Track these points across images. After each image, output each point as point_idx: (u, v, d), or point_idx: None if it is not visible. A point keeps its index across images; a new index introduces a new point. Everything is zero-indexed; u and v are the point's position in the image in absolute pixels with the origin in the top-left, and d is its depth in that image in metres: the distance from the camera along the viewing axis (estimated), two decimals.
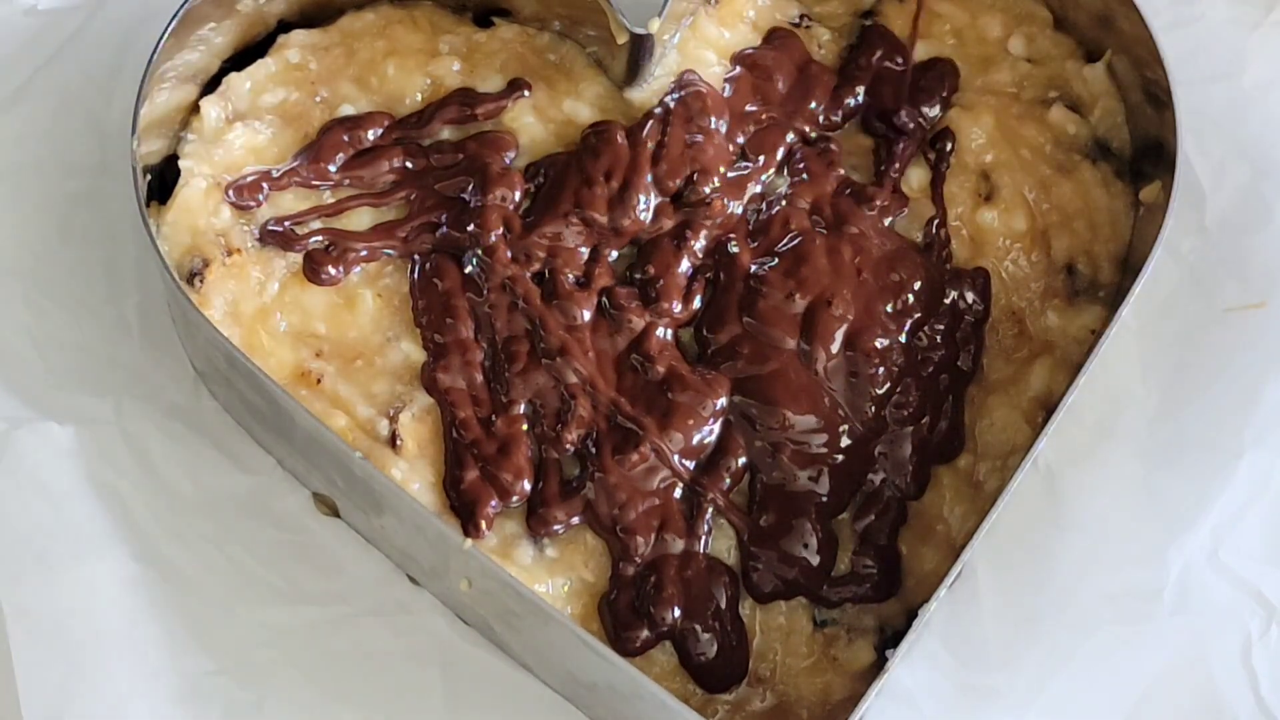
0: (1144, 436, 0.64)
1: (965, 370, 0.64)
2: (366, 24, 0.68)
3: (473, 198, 0.64)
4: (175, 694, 0.60)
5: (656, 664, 0.60)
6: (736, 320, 0.63)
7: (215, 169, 0.64)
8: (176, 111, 0.64)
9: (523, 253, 0.64)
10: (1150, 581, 0.62)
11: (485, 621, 0.61)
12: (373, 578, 0.62)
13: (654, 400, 0.62)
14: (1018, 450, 0.62)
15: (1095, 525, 0.63)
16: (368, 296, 0.63)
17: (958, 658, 0.61)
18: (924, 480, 0.62)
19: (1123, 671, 0.61)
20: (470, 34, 0.68)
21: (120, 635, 0.60)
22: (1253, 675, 0.61)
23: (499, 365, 0.62)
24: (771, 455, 0.61)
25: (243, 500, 0.63)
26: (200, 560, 0.62)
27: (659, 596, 0.59)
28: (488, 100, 0.66)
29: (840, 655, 0.60)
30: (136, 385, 0.64)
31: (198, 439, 0.64)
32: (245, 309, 0.62)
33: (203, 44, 0.64)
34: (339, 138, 0.65)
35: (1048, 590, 0.62)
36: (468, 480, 0.60)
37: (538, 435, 0.62)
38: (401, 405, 0.62)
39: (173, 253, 0.62)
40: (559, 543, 0.61)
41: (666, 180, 0.64)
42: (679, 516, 0.61)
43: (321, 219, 0.64)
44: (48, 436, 0.62)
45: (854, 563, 0.61)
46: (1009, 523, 0.61)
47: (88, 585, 0.60)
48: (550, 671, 0.61)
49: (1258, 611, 0.62)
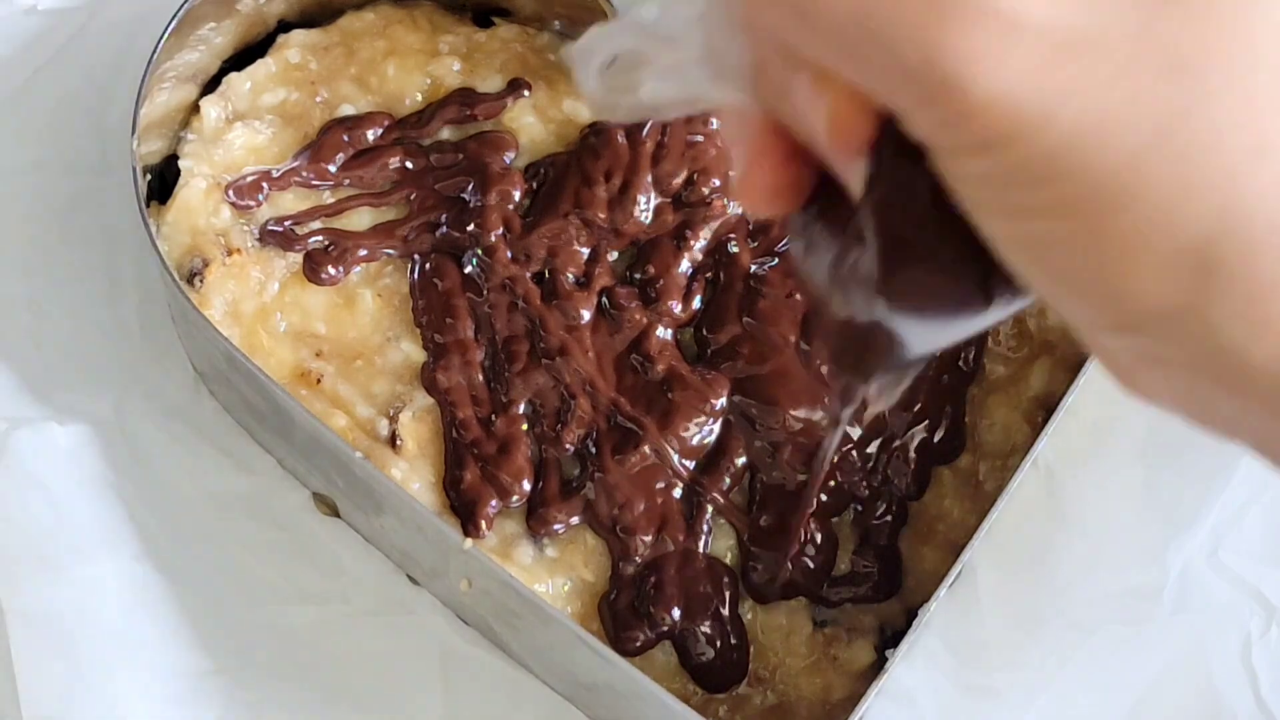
0: (1144, 436, 0.64)
1: (966, 370, 0.64)
2: (366, 24, 0.68)
3: (473, 198, 0.64)
4: (175, 694, 0.60)
5: (656, 664, 0.60)
6: (736, 320, 0.63)
7: (215, 169, 0.64)
8: (176, 111, 0.64)
9: (523, 253, 0.64)
10: (1150, 581, 0.62)
11: (485, 621, 0.61)
12: (373, 578, 0.62)
13: (654, 400, 0.62)
14: (1018, 450, 0.62)
15: (1095, 525, 0.63)
16: (368, 296, 0.63)
17: (958, 658, 0.61)
18: (924, 480, 0.62)
19: (1123, 671, 0.61)
20: (470, 34, 0.68)
21: (120, 635, 0.60)
22: (1253, 675, 0.61)
23: (499, 365, 0.62)
24: (771, 455, 0.62)
25: (243, 500, 0.63)
26: (200, 560, 0.62)
27: (659, 596, 0.59)
28: (488, 100, 0.66)
29: (840, 655, 0.60)
30: (136, 385, 0.64)
31: (198, 439, 0.64)
32: (245, 309, 0.62)
33: (203, 44, 0.64)
34: (339, 138, 0.65)
35: (1048, 590, 0.62)
36: (468, 480, 0.60)
37: (538, 435, 0.62)
38: (401, 405, 0.62)
39: (173, 253, 0.62)
40: (559, 543, 0.61)
41: (667, 180, 0.64)
42: (679, 516, 0.61)
43: (321, 219, 0.64)
44: (48, 436, 0.62)
45: (854, 563, 0.61)
46: (1009, 523, 0.61)
47: (88, 585, 0.60)
48: (550, 671, 0.61)
49: (1258, 611, 0.62)
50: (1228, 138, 0.25)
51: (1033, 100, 0.25)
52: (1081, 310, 0.28)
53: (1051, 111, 0.25)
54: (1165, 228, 0.26)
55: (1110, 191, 0.25)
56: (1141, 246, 0.26)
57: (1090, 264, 0.26)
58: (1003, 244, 0.28)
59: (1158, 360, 0.28)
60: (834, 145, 0.29)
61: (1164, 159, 0.25)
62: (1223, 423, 0.29)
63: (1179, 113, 0.25)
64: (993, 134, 0.26)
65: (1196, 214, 0.25)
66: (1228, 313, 0.26)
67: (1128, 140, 0.25)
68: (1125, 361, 0.29)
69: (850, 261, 0.31)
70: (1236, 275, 0.26)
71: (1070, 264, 0.27)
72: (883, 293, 0.30)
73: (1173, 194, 0.25)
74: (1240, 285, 0.26)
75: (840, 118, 0.28)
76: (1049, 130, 0.25)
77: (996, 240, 0.28)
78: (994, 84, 0.25)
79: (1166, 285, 0.26)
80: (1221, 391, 0.27)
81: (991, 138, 0.26)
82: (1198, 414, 0.29)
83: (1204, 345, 0.27)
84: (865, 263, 0.30)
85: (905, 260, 0.29)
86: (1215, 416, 0.29)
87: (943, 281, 0.30)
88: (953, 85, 0.25)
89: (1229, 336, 0.26)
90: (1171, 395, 0.29)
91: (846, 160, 0.29)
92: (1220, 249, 0.26)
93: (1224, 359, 0.27)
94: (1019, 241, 0.27)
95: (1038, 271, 0.28)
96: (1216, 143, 0.25)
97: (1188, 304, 0.26)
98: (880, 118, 0.28)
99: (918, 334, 0.31)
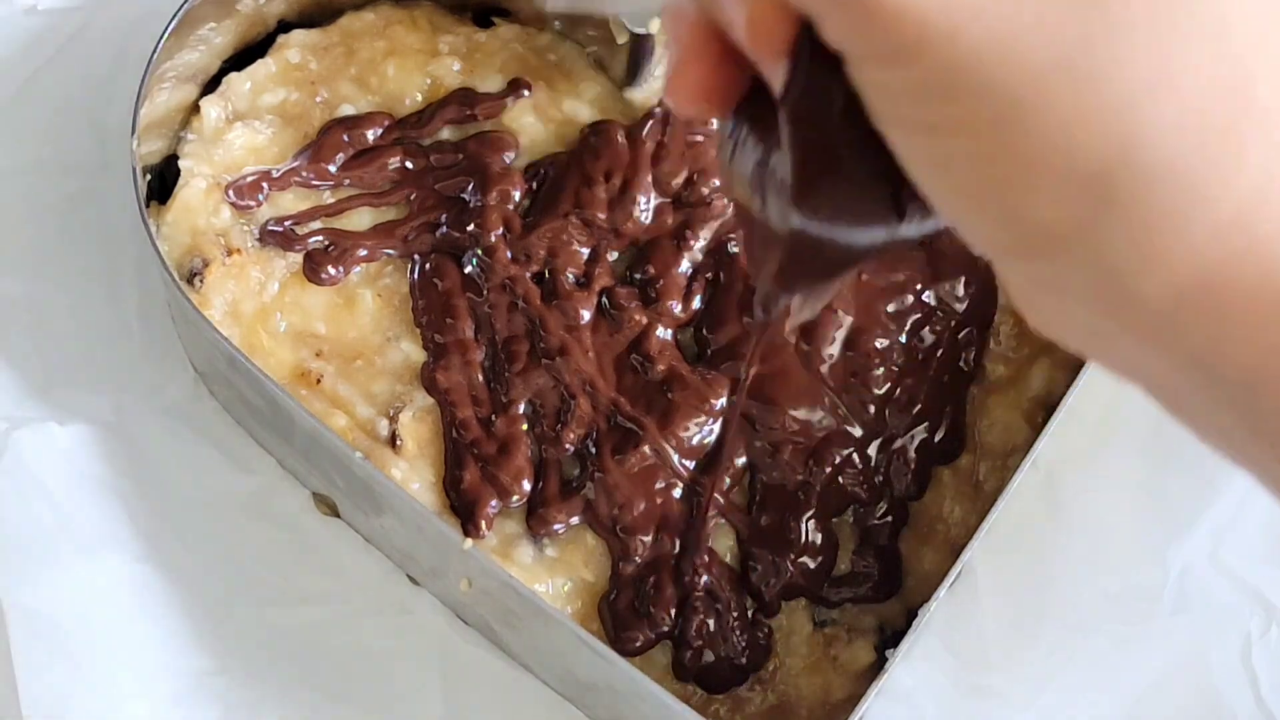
0: (1144, 436, 0.64)
1: (966, 370, 0.64)
2: (366, 24, 0.68)
3: (473, 198, 0.64)
4: (175, 694, 0.60)
5: (656, 664, 0.60)
6: (736, 320, 0.63)
7: (215, 169, 0.64)
8: (176, 111, 0.64)
9: (523, 253, 0.64)
10: (1150, 581, 0.62)
11: (485, 621, 0.61)
12: (373, 578, 0.62)
13: (654, 400, 0.62)
14: (1018, 450, 0.62)
15: (1095, 525, 0.63)
16: (368, 296, 0.63)
17: (958, 658, 0.61)
18: (924, 480, 0.62)
19: (1123, 671, 0.61)
20: (470, 34, 0.68)
21: (120, 635, 0.60)
22: (1253, 675, 0.61)
23: (499, 365, 0.62)
24: (771, 455, 0.61)
25: (243, 500, 0.63)
26: (200, 560, 0.62)
27: (659, 596, 0.59)
28: (488, 100, 0.66)
29: (840, 655, 0.60)
30: (136, 385, 0.64)
31: (198, 439, 0.64)
32: (245, 309, 0.62)
33: (203, 44, 0.64)
34: (339, 138, 0.65)
35: (1048, 590, 0.62)
36: (468, 480, 0.60)
37: (538, 435, 0.62)
38: (401, 405, 0.62)
39: (173, 253, 0.62)
40: (559, 543, 0.61)
41: (667, 180, 0.64)
42: (679, 516, 0.61)
43: (321, 219, 0.64)
44: (48, 436, 0.62)
45: (854, 563, 0.61)
46: (1009, 523, 0.61)
47: (88, 585, 0.60)
48: (550, 671, 0.61)
49: (1258, 611, 0.62)
50: (1129, 70, 0.25)
51: (941, 11, 0.26)
52: (982, 230, 0.28)
53: (959, 25, 0.26)
54: (1064, 151, 0.26)
55: (1012, 111, 0.26)
56: (1040, 168, 0.26)
57: (990, 183, 0.27)
58: (909, 160, 0.28)
59: (1054, 288, 0.28)
60: (754, 46, 0.29)
61: (1065, 83, 0.26)
62: (1121, 362, 0.29)
63: (1084, 39, 0.25)
64: (900, 42, 0.26)
65: (1094, 141, 0.26)
66: (1121, 242, 0.26)
67: (1031, 61, 0.26)
68: (1027, 290, 0.29)
69: (770, 168, 0.31)
70: (1131, 206, 0.26)
71: (971, 182, 0.27)
72: (796, 201, 0.30)
73: (1072, 119, 0.26)
74: (1135, 215, 0.26)
75: (759, 18, 0.29)
76: (955, 44, 0.26)
77: (904, 155, 0.28)
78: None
79: (1063, 209, 0.26)
80: (1114, 324, 0.28)
81: (899, 46, 0.26)
82: (1098, 351, 0.29)
83: (1097, 272, 0.27)
84: (781, 169, 0.31)
85: (817, 168, 0.30)
86: (1113, 354, 0.29)
87: (853, 192, 0.30)
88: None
89: (1121, 266, 0.27)
90: (1072, 329, 0.29)
91: (769, 62, 0.29)
92: (1117, 178, 0.26)
93: (1116, 288, 0.27)
94: (925, 156, 0.28)
95: (942, 188, 0.28)
96: (1118, 73, 0.25)
97: (1082, 230, 0.26)
98: (800, 21, 0.28)
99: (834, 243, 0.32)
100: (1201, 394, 0.28)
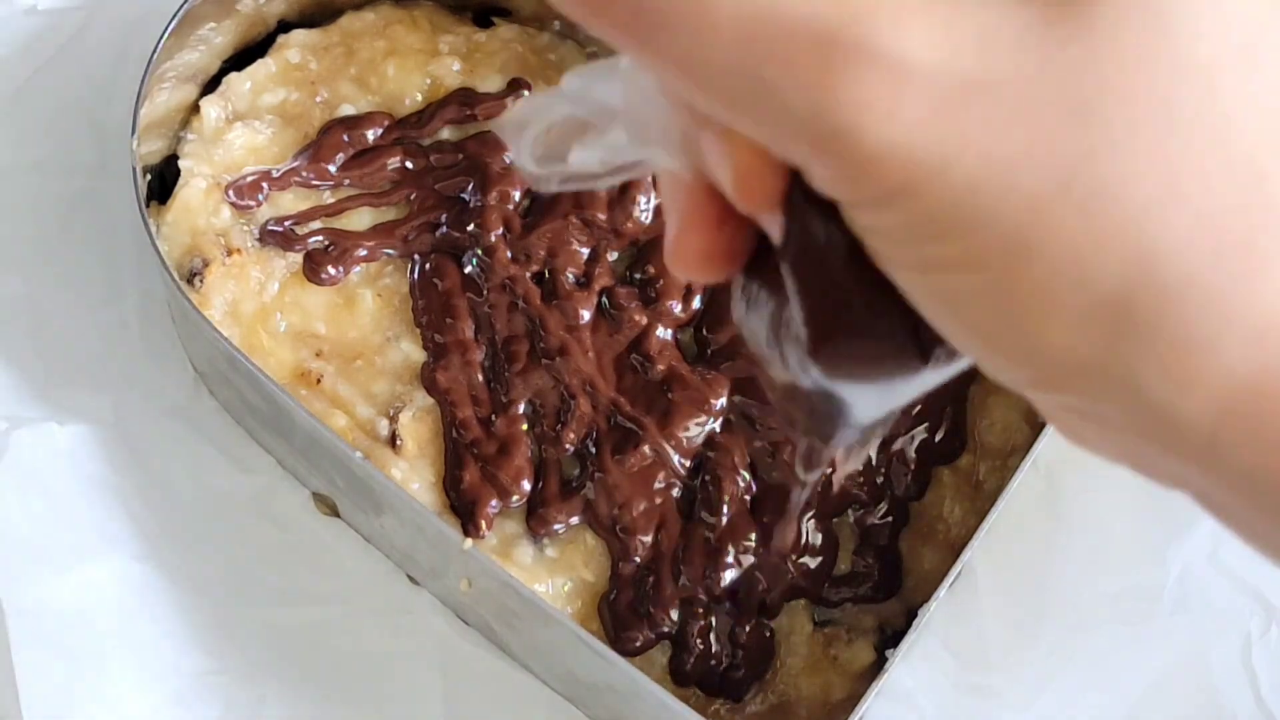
0: None
1: (966, 370, 0.64)
2: (366, 24, 0.68)
3: (473, 198, 0.64)
4: (175, 694, 0.60)
5: (656, 664, 0.60)
6: None
7: (215, 169, 0.64)
8: (176, 111, 0.64)
9: (523, 253, 0.64)
10: (1150, 581, 0.62)
11: (485, 621, 0.61)
12: (373, 578, 0.62)
13: (654, 400, 0.62)
14: (1018, 450, 0.62)
15: (1095, 525, 0.63)
16: (368, 296, 0.63)
17: (958, 658, 0.61)
18: (924, 480, 0.62)
19: (1123, 671, 0.61)
20: (470, 34, 0.68)
21: (120, 635, 0.60)
22: (1253, 675, 0.61)
23: (499, 365, 0.62)
24: (771, 455, 0.61)
25: (243, 500, 0.63)
26: (200, 560, 0.62)
27: (659, 596, 0.59)
28: (488, 100, 0.66)
29: (840, 655, 0.60)
30: (136, 385, 0.64)
31: (198, 439, 0.64)
32: (245, 309, 0.62)
33: (203, 44, 0.64)
34: (339, 138, 0.65)
35: (1048, 590, 0.62)
36: (468, 480, 0.60)
37: (538, 435, 0.62)
38: (401, 405, 0.62)
39: (173, 253, 0.62)
40: (559, 543, 0.61)
41: None
42: (679, 516, 0.61)
43: (321, 219, 0.64)
44: (48, 436, 0.62)
45: (854, 563, 0.61)
46: (1009, 523, 0.61)
47: (88, 585, 0.60)
48: (550, 671, 0.61)
49: (1258, 611, 0.62)
50: (1134, 185, 0.24)
51: (928, 149, 0.24)
52: (1004, 367, 0.27)
53: (948, 160, 0.24)
54: (1075, 279, 0.24)
55: (1015, 242, 0.24)
56: (1053, 299, 0.25)
57: (1004, 319, 0.25)
58: (919, 300, 0.27)
59: (1090, 417, 0.27)
60: (744, 201, 0.28)
61: (1067, 207, 0.24)
62: (1169, 478, 0.27)
63: (1081, 158, 0.24)
64: (890, 185, 0.24)
65: (1107, 265, 0.24)
66: (1149, 366, 0.25)
67: (1028, 188, 0.24)
68: (1063, 420, 0.28)
69: (784, 324, 0.29)
70: (1155, 327, 0.24)
71: (985, 319, 0.26)
72: (812, 354, 0.29)
73: (1079, 244, 0.24)
74: (1160, 337, 0.24)
75: (745, 172, 0.27)
76: (947, 180, 0.24)
77: (913, 296, 0.27)
78: (886, 134, 0.24)
79: (1083, 337, 0.25)
80: (1155, 448, 0.26)
81: (890, 189, 0.24)
82: (1145, 469, 0.28)
83: (1130, 399, 0.25)
84: (796, 324, 0.29)
85: (828, 318, 0.28)
86: (1161, 472, 0.27)
87: (870, 341, 0.28)
88: (844, 136, 0.24)
89: (1154, 391, 0.25)
90: (1115, 451, 0.28)
91: (762, 215, 0.28)
92: (1135, 300, 0.24)
93: (1152, 414, 0.25)
94: (934, 296, 0.26)
95: (956, 327, 0.26)
96: (1122, 190, 0.24)
97: (1107, 357, 0.25)
98: (789, 171, 0.27)
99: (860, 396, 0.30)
100: (1252, 508, 0.26)
